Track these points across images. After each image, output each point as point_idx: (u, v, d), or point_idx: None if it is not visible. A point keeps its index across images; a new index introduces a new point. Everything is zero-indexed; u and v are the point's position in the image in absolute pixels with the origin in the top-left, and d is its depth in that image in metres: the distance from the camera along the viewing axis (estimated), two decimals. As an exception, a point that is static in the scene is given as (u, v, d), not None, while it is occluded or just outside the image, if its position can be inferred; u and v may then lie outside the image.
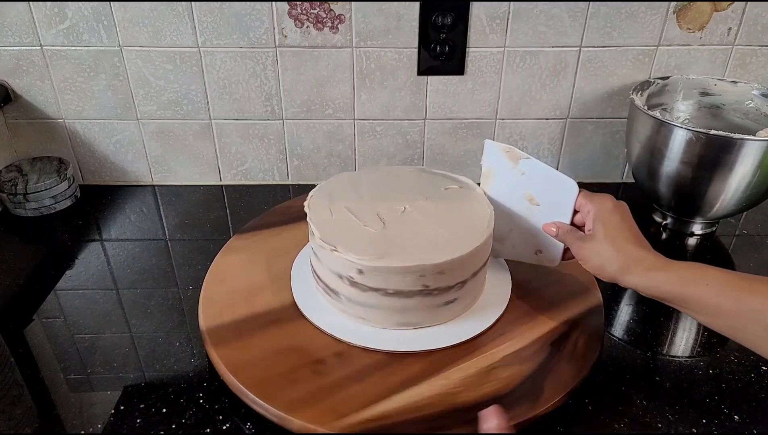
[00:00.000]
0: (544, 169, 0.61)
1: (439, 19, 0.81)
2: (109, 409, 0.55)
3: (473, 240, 0.58)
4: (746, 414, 0.55)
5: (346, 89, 0.88)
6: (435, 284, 0.57)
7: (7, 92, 0.86)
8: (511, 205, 0.64)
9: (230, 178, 0.95)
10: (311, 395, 0.53)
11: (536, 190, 0.62)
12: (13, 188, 0.83)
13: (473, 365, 0.56)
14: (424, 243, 0.58)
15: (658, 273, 0.52)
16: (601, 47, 0.85)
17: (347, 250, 0.56)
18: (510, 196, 0.64)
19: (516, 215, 0.64)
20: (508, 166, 0.63)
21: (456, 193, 0.66)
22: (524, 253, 0.66)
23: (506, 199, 0.65)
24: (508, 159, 0.63)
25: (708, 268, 0.51)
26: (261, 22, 0.82)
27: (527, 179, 0.62)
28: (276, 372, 0.55)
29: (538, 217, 0.63)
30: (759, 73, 0.88)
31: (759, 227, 0.85)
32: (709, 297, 0.49)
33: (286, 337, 0.59)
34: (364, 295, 0.58)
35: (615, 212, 0.56)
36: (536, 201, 0.62)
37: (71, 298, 0.70)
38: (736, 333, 0.48)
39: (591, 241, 0.56)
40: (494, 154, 0.64)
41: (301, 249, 0.72)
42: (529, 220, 0.63)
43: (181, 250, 0.79)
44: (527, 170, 0.62)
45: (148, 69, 0.85)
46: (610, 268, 0.54)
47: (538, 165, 0.61)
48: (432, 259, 0.55)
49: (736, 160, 0.71)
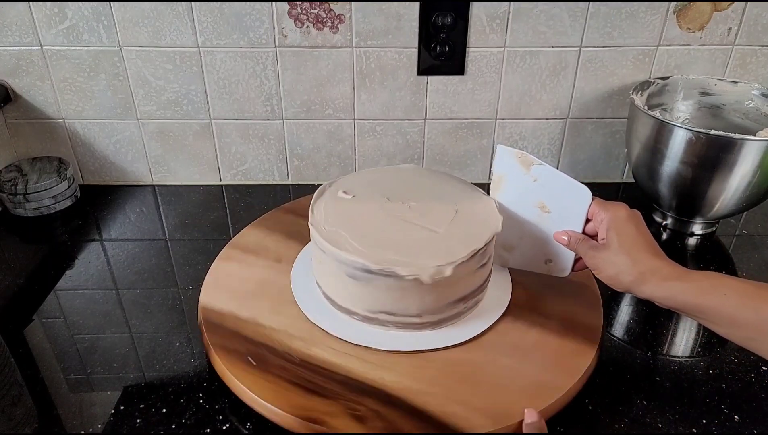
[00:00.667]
0: (557, 175, 0.60)
1: (439, 19, 0.81)
2: (109, 409, 0.55)
3: (476, 242, 0.58)
4: (746, 414, 0.55)
5: (346, 89, 0.88)
6: (435, 285, 0.57)
7: (7, 92, 0.86)
8: (522, 213, 0.63)
9: (230, 178, 0.95)
10: (312, 395, 0.53)
11: (548, 197, 0.61)
12: (13, 188, 0.83)
13: (473, 365, 0.56)
14: (425, 244, 0.58)
15: (674, 283, 0.51)
16: (601, 47, 0.85)
17: (349, 252, 0.56)
18: (521, 203, 0.63)
19: (526, 223, 0.63)
20: (520, 172, 0.61)
21: (459, 195, 0.66)
22: (533, 262, 0.65)
23: (517, 206, 0.63)
24: (520, 164, 0.61)
25: (725, 278, 0.50)
26: (261, 22, 0.82)
27: (539, 186, 0.61)
28: (276, 372, 0.55)
29: (549, 225, 0.61)
30: (759, 73, 0.88)
31: (759, 227, 0.85)
32: (727, 307, 0.48)
33: (286, 337, 0.59)
34: (365, 294, 0.58)
35: (629, 221, 0.55)
36: (548, 208, 0.61)
37: (71, 298, 0.70)
38: (754, 344, 0.48)
39: (605, 250, 0.55)
40: (506, 159, 0.62)
41: (302, 249, 0.72)
42: (539, 227, 0.62)
43: (181, 250, 0.79)
44: (539, 176, 0.60)
45: (148, 69, 0.85)
46: (625, 279, 0.53)
47: (550, 171, 0.60)
48: (434, 261, 0.55)
49: (736, 160, 0.71)
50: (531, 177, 0.61)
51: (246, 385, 0.53)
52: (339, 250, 0.57)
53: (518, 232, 0.64)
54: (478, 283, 0.61)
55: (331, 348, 0.58)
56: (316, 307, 0.62)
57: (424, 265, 0.55)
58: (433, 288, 0.56)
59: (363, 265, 0.55)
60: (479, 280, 0.61)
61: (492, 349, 0.58)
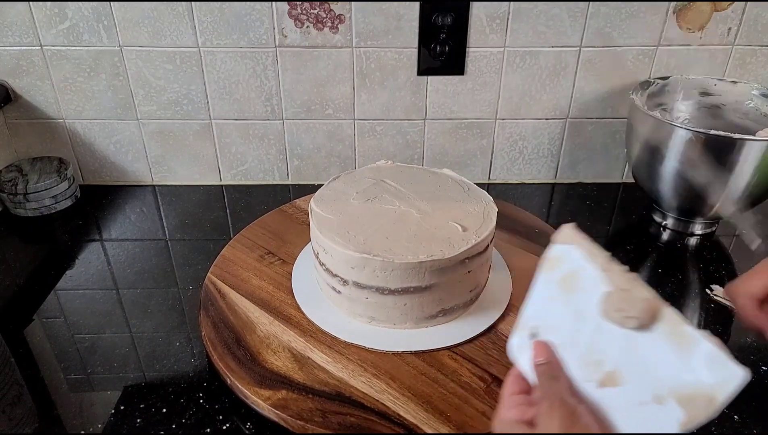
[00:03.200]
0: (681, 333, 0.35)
1: (439, 19, 0.81)
2: (109, 409, 0.55)
3: (474, 237, 0.58)
4: (746, 414, 0.55)
5: (346, 89, 0.88)
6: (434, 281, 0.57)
7: (7, 92, 0.86)
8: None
9: (230, 178, 0.95)
10: (312, 395, 0.53)
11: (629, 363, 0.36)
12: (13, 188, 0.83)
13: (473, 364, 0.56)
14: (426, 239, 0.58)
15: None
16: (601, 47, 0.85)
17: (349, 248, 0.56)
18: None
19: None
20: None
21: (458, 192, 0.66)
22: None
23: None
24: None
25: None
26: (261, 22, 0.82)
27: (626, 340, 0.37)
28: (277, 372, 0.55)
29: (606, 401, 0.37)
30: (759, 73, 0.88)
31: (759, 227, 0.85)
32: None
33: (286, 338, 0.59)
34: (365, 293, 0.58)
35: None
36: (619, 379, 0.36)
37: (71, 298, 0.70)
38: None
39: None
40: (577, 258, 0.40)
41: (303, 249, 0.72)
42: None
43: (181, 250, 0.79)
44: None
45: (148, 69, 0.85)
46: None
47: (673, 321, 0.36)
48: (433, 255, 0.56)
49: (736, 160, 0.71)
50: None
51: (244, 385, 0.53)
52: (339, 246, 0.57)
53: None
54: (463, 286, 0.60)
55: (333, 348, 0.58)
56: (317, 308, 0.62)
57: (425, 258, 0.55)
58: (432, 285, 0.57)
59: (363, 260, 0.56)
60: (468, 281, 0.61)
61: (492, 348, 0.58)
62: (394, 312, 0.58)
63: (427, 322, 0.60)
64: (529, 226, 0.78)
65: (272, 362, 0.56)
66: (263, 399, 0.52)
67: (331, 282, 0.60)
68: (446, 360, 0.57)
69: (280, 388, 0.53)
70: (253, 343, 0.58)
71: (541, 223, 0.79)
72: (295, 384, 0.54)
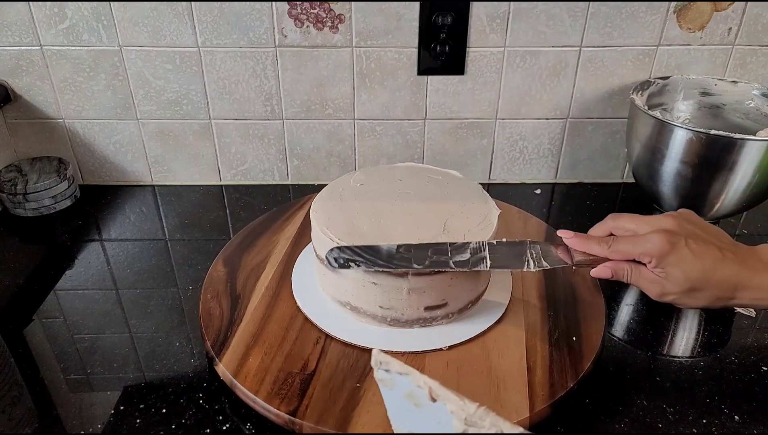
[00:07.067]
0: None
1: (439, 19, 0.81)
2: (109, 409, 0.55)
3: (477, 235, 0.58)
4: (746, 414, 0.55)
5: (346, 89, 0.88)
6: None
7: (7, 92, 0.86)
8: None
9: (230, 178, 0.95)
10: (312, 395, 0.53)
11: None
12: (12, 188, 0.83)
13: (472, 365, 0.56)
14: (429, 240, 0.58)
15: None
16: (601, 47, 0.85)
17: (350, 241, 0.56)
18: None
19: None
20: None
21: (458, 190, 0.66)
22: None
23: None
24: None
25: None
26: (261, 22, 0.82)
27: None
28: (277, 372, 0.55)
29: None
30: (759, 73, 0.88)
31: (759, 227, 0.85)
32: None
33: (287, 337, 0.59)
34: (365, 291, 0.58)
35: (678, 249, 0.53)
36: None
37: (71, 298, 0.70)
38: None
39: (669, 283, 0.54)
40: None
41: (303, 250, 0.72)
42: None
43: (181, 250, 0.79)
44: None
45: (148, 69, 0.85)
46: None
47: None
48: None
49: (736, 160, 0.71)
50: None
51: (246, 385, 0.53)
52: (339, 242, 0.57)
53: None
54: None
55: (333, 348, 0.58)
56: (317, 307, 0.62)
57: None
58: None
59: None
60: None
61: (492, 348, 0.58)
62: (386, 310, 0.59)
63: (427, 323, 0.60)
64: (530, 228, 0.78)
65: (273, 362, 0.56)
66: (263, 399, 0.52)
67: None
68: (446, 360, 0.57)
69: (281, 387, 0.53)
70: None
71: (543, 223, 0.79)
72: (295, 383, 0.54)
